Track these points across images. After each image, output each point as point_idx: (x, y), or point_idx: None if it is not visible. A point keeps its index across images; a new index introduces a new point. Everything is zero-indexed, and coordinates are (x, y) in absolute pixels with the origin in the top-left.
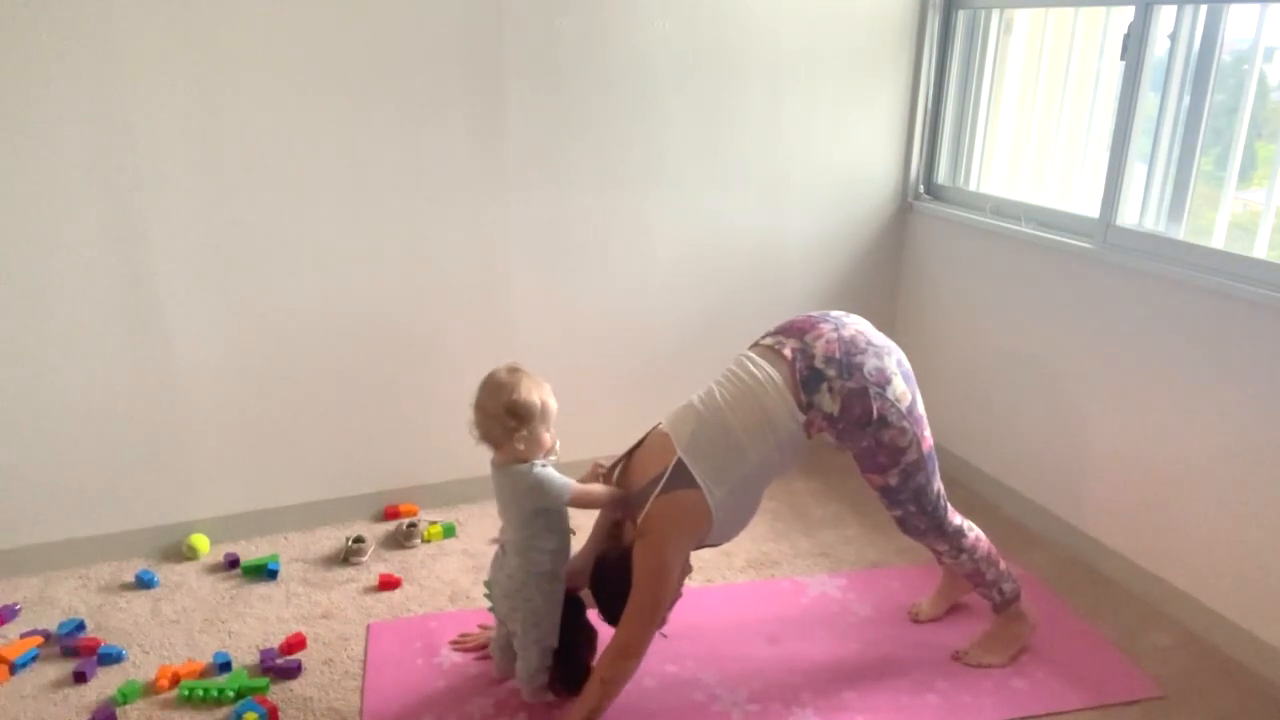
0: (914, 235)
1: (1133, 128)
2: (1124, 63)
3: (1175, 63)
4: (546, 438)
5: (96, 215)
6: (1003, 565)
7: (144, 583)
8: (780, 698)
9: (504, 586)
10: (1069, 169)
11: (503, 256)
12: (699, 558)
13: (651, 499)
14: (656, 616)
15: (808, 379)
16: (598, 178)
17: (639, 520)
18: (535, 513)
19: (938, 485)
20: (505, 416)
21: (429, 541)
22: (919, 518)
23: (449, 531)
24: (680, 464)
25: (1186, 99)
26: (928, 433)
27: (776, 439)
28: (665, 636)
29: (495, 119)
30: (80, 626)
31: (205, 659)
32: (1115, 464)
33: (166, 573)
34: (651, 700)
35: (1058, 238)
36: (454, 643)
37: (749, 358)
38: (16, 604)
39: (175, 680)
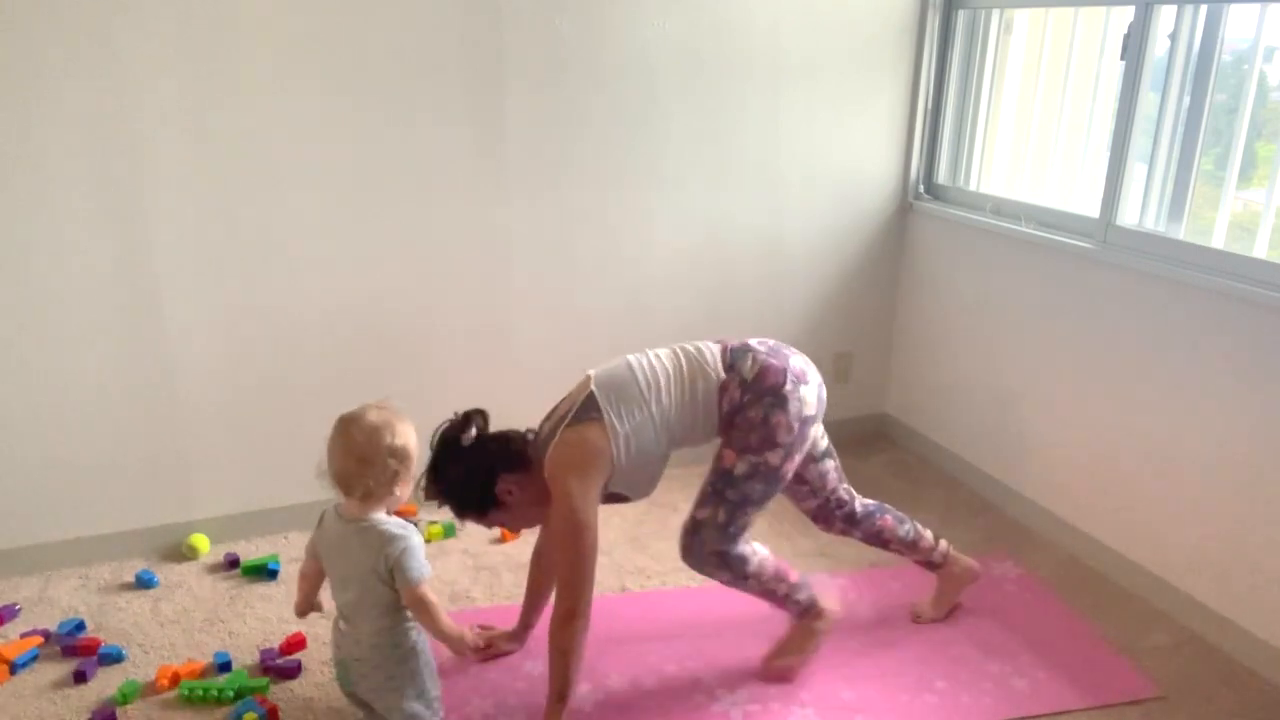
0: (914, 235)
1: (1133, 128)
2: (1124, 63)
3: (1175, 63)
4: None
5: (96, 215)
6: (794, 577)
7: (144, 583)
8: (780, 698)
9: (368, 661)
10: (1069, 169)
11: (502, 256)
12: None
13: (557, 436)
14: (587, 570)
15: (737, 350)
16: (598, 177)
17: (545, 466)
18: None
19: (753, 517)
20: (387, 457)
21: (429, 542)
22: (714, 533)
23: (449, 531)
24: (591, 396)
25: (1186, 99)
26: (794, 462)
27: (692, 392)
28: None
29: (495, 119)
30: (80, 626)
31: (205, 659)
32: (1114, 463)
33: (166, 573)
34: (651, 700)
35: (1058, 238)
36: None
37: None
38: (16, 604)
39: (175, 680)
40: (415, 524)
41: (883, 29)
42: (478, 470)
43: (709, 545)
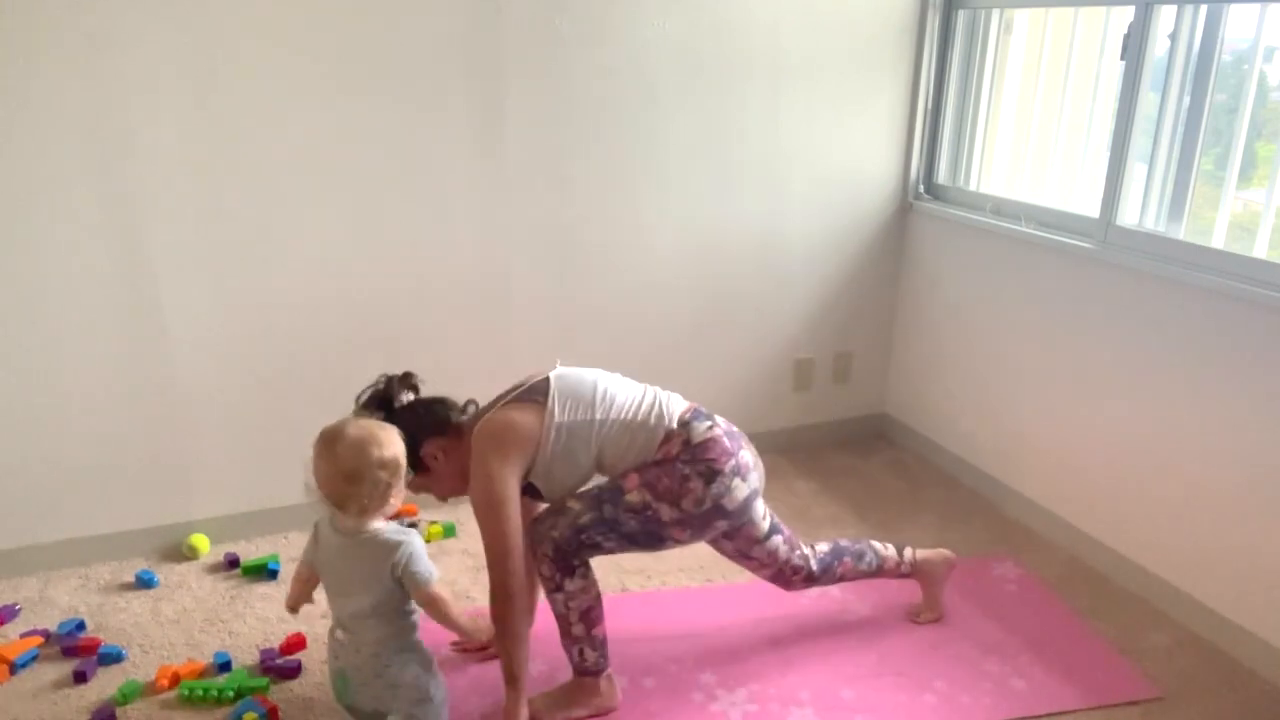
0: (914, 235)
1: (1133, 128)
2: (1124, 63)
3: (1175, 63)
4: None
5: (94, 214)
6: (598, 634)
7: (144, 583)
8: (780, 698)
9: (369, 669)
10: (1069, 169)
11: (502, 256)
12: (698, 558)
13: (492, 410)
14: (508, 546)
15: (700, 413)
16: (598, 178)
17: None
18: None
19: (607, 547)
20: (377, 471)
21: (429, 541)
22: (568, 525)
23: (449, 531)
24: (545, 382)
25: (1186, 99)
26: (682, 537)
27: (640, 425)
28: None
29: (495, 119)
30: (80, 626)
31: (205, 659)
32: (1115, 463)
33: (166, 573)
34: (651, 700)
35: (1058, 238)
36: (454, 643)
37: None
38: (16, 604)
39: (175, 680)
40: (415, 524)
41: (883, 29)
42: (405, 433)
43: (556, 530)
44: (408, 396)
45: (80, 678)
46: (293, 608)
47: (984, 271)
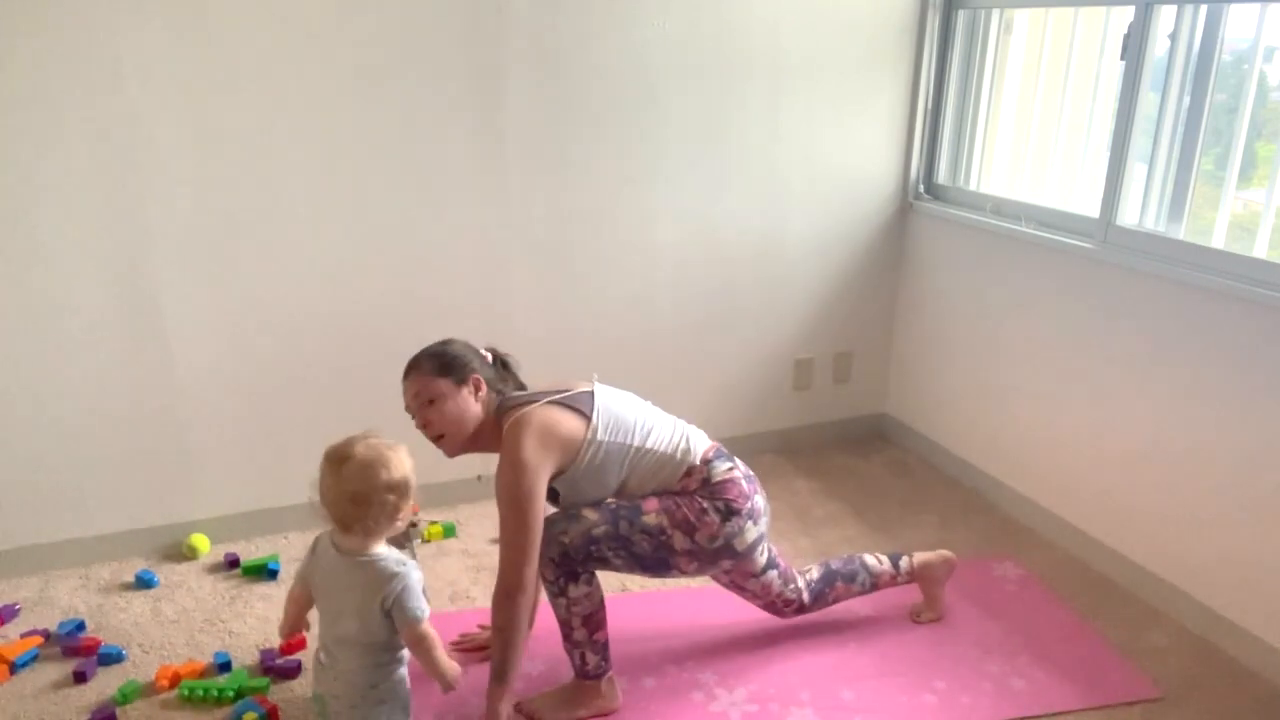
0: (914, 235)
1: (1133, 128)
2: (1124, 63)
3: (1175, 63)
4: None
5: (96, 216)
6: (600, 638)
7: (144, 583)
8: (779, 697)
9: (346, 697)
10: (1069, 169)
11: (502, 257)
12: None
13: (538, 403)
14: (528, 540)
15: (722, 454)
16: (598, 178)
17: (507, 422)
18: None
19: (615, 563)
20: (385, 493)
21: (429, 541)
22: (580, 533)
23: (449, 531)
24: (590, 395)
25: (1186, 99)
26: (688, 569)
27: (668, 458)
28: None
29: (495, 119)
30: (80, 626)
31: (205, 659)
32: (1115, 463)
33: (166, 573)
34: (650, 700)
35: (1058, 238)
36: (454, 643)
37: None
38: (16, 604)
39: (175, 680)
40: (416, 523)
41: (883, 29)
42: (472, 359)
43: (568, 536)
44: (491, 357)
45: (80, 678)
46: (286, 635)
47: (984, 271)
